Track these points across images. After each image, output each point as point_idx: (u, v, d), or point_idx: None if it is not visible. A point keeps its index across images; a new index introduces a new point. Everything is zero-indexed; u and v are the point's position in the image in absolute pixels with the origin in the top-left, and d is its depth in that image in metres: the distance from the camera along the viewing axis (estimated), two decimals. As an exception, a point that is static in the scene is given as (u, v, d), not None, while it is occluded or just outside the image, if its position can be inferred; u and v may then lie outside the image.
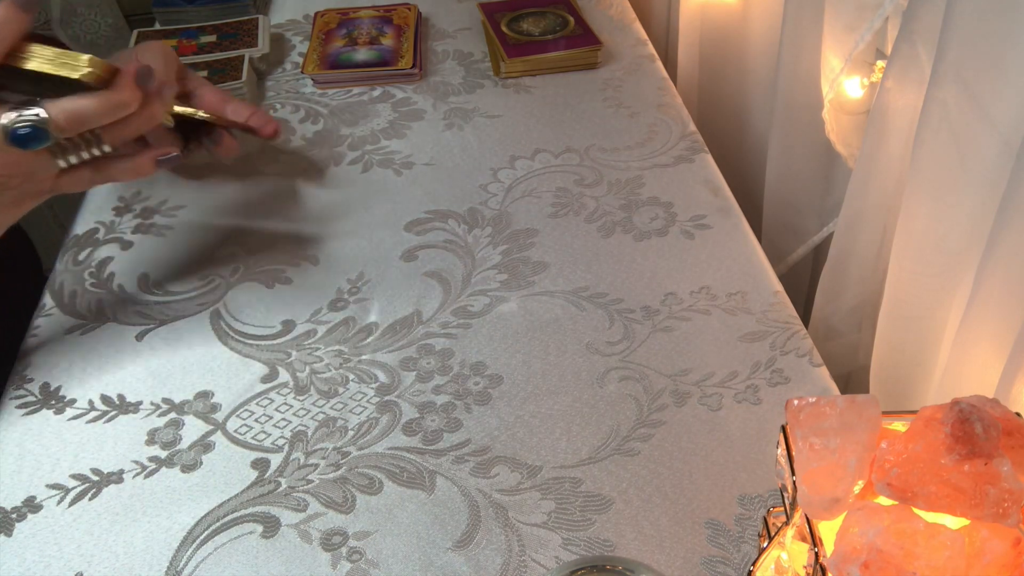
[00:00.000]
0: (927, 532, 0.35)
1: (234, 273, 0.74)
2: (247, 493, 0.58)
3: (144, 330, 0.69)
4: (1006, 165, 0.54)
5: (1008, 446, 0.37)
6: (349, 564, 0.54)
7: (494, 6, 1.03)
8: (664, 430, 0.61)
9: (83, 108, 0.55)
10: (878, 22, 0.73)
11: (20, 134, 0.54)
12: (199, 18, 1.02)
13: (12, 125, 0.54)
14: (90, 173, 0.61)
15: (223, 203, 0.80)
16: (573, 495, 0.57)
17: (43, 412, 0.63)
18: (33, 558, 0.55)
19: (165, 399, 0.64)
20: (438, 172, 0.83)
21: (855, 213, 0.75)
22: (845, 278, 0.80)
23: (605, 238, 0.75)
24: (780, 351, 0.66)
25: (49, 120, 0.54)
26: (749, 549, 0.54)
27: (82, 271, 0.74)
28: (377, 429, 0.62)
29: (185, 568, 0.54)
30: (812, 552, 0.38)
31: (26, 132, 0.54)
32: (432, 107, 0.92)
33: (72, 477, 0.59)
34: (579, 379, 0.64)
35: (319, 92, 0.94)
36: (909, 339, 0.69)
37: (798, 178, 0.91)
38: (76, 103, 0.55)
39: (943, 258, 0.63)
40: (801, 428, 0.39)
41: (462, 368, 0.65)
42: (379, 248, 0.76)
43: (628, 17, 1.05)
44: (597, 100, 0.92)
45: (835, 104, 0.81)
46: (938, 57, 0.56)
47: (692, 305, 0.69)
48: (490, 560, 0.54)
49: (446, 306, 0.70)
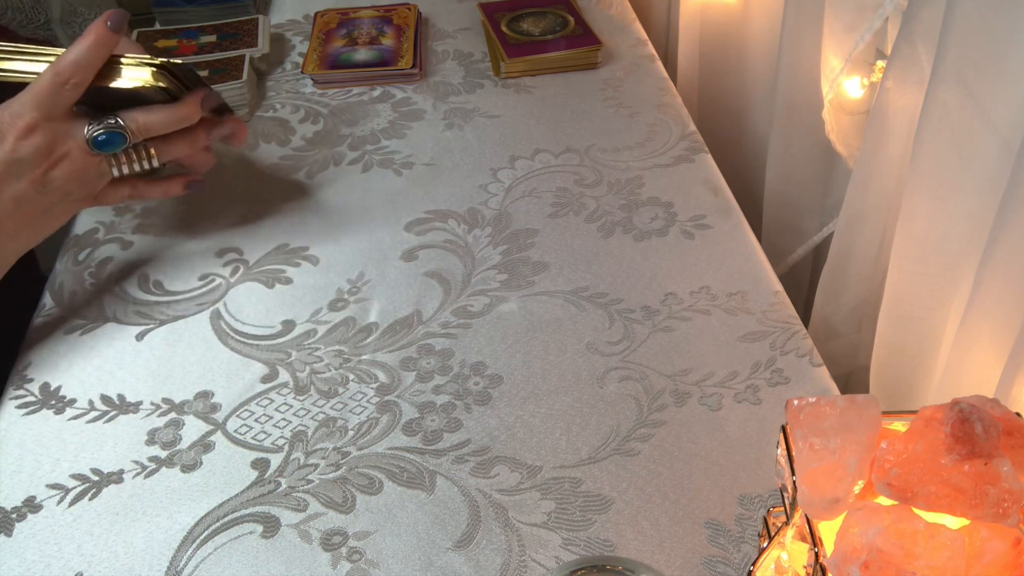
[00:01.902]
0: (927, 532, 0.35)
1: (234, 273, 0.74)
2: (247, 493, 0.58)
3: (144, 330, 0.69)
4: (1006, 165, 0.54)
5: (1008, 446, 0.37)
6: (349, 564, 0.54)
7: (494, 6, 1.03)
8: (664, 430, 0.61)
9: (152, 118, 0.65)
10: (878, 22, 0.73)
11: (100, 139, 0.63)
12: (199, 18, 1.02)
13: (94, 133, 0.63)
14: (128, 189, 0.69)
15: (223, 203, 0.80)
16: (573, 495, 0.57)
17: (43, 412, 0.63)
18: (33, 558, 0.55)
19: (165, 399, 0.64)
20: (438, 172, 0.83)
21: (855, 213, 0.75)
22: (845, 278, 0.80)
23: (605, 238, 0.75)
24: (780, 351, 0.66)
25: (125, 127, 0.64)
26: (749, 549, 0.54)
27: (82, 271, 0.74)
28: (377, 429, 0.62)
29: (185, 568, 0.54)
30: (812, 552, 0.38)
31: (104, 137, 0.63)
32: (432, 107, 0.92)
33: (72, 477, 0.59)
34: (579, 379, 0.64)
35: (319, 92, 0.94)
36: (909, 339, 0.69)
37: (798, 178, 0.91)
38: (147, 114, 0.65)
39: (943, 258, 0.63)
40: (801, 428, 0.39)
41: (462, 368, 0.65)
42: (379, 248, 0.76)
43: (628, 17, 1.05)
44: (597, 100, 0.92)
45: (835, 104, 0.81)
46: (938, 57, 0.56)
47: (692, 305, 0.69)
48: (490, 560, 0.54)
49: (446, 306, 0.70)
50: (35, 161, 0.61)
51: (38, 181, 0.62)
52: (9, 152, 0.61)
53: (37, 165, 0.62)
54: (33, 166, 0.61)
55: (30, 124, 0.61)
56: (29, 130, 0.61)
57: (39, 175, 0.62)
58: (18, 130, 0.61)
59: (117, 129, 0.63)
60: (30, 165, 0.61)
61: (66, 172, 0.63)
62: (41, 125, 0.61)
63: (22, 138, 0.61)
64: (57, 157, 0.62)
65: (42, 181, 0.62)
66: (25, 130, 0.61)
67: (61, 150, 0.62)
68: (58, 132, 0.62)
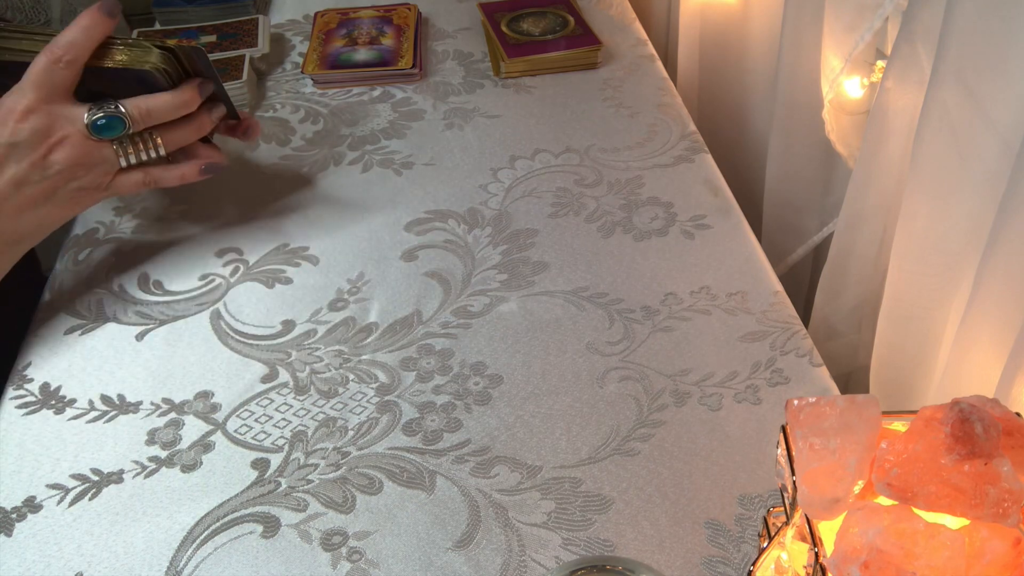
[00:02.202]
0: (927, 532, 0.35)
1: (234, 273, 0.74)
2: (247, 493, 0.58)
3: (144, 330, 0.69)
4: (1006, 165, 0.54)
5: (1008, 446, 0.37)
6: (349, 564, 0.54)
7: (494, 6, 1.03)
8: (664, 430, 0.61)
9: (152, 104, 0.65)
10: (878, 22, 0.73)
11: (99, 124, 0.63)
12: (199, 18, 1.02)
13: (94, 117, 0.63)
14: (141, 175, 0.68)
15: (223, 203, 0.80)
16: (573, 495, 0.57)
17: (43, 412, 0.63)
18: (33, 558, 0.55)
19: (165, 399, 0.64)
20: (438, 172, 0.83)
21: (855, 213, 0.75)
22: (845, 278, 0.80)
23: (605, 238, 0.75)
24: (780, 351, 0.66)
25: (125, 112, 0.64)
26: (749, 549, 0.54)
27: (82, 271, 0.74)
28: (377, 429, 0.62)
29: (185, 568, 0.54)
30: (812, 552, 0.38)
31: (104, 122, 0.63)
32: (432, 107, 0.92)
33: (72, 477, 0.59)
34: (579, 379, 0.64)
35: (319, 92, 0.94)
36: (909, 339, 0.69)
37: (798, 178, 0.91)
38: (147, 100, 0.65)
39: (943, 258, 0.63)
40: (801, 428, 0.39)
41: (462, 368, 0.65)
42: (379, 248, 0.76)
43: (628, 17, 1.05)
44: (597, 100, 0.92)
45: (835, 104, 0.81)
46: (938, 57, 0.56)
47: (692, 305, 0.69)
48: (490, 560, 0.54)
49: (446, 306, 0.70)
50: (34, 142, 0.61)
51: (38, 164, 0.62)
52: (9, 135, 0.61)
53: (36, 147, 0.62)
54: (32, 148, 0.62)
55: (29, 107, 0.61)
56: (27, 112, 0.61)
57: (38, 158, 0.62)
58: (17, 114, 0.61)
59: (117, 114, 0.63)
60: (29, 147, 0.61)
61: (67, 156, 0.63)
62: (39, 108, 0.61)
63: (20, 121, 0.61)
64: (56, 140, 0.62)
65: (42, 164, 0.62)
66: (23, 113, 0.61)
67: (60, 133, 0.62)
68: (57, 115, 0.62)
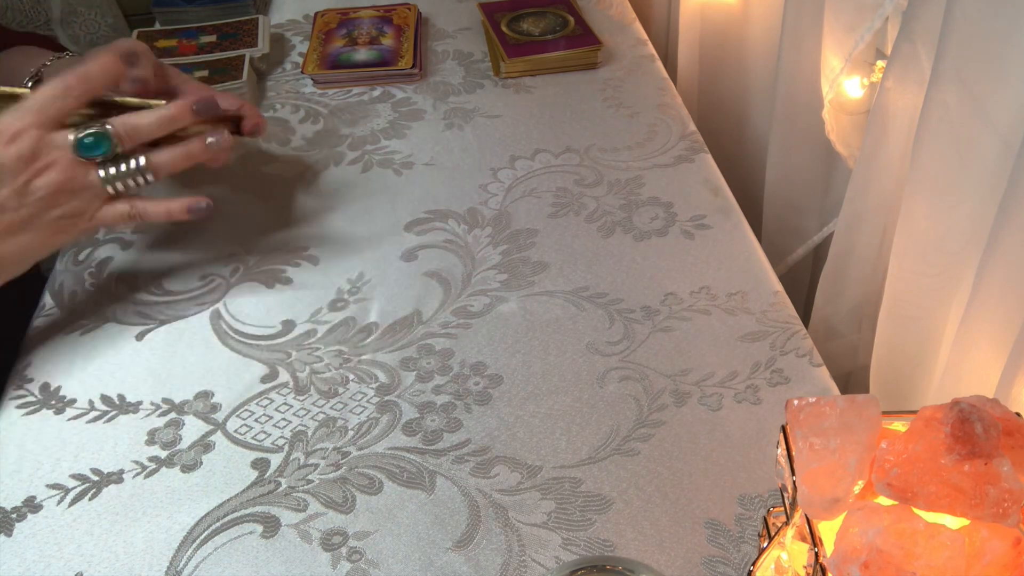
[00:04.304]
0: (927, 532, 0.35)
1: (234, 273, 0.74)
2: (247, 493, 0.58)
3: (144, 330, 0.69)
4: (1006, 165, 0.54)
5: (1008, 446, 0.37)
6: (349, 564, 0.54)
7: (494, 6, 1.03)
8: (664, 430, 0.61)
9: (139, 120, 0.63)
10: (878, 22, 0.73)
11: (86, 142, 0.61)
12: (199, 18, 1.02)
13: (80, 135, 0.61)
14: (127, 207, 0.65)
15: (223, 203, 0.80)
16: (573, 495, 0.57)
17: (43, 412, 0.63)
18: (33, 558, 0.55)
19: (165, 399, 0.64)
20: (438, 172, 0.83)
21: (855, 213, 0.75)
22: (845, 278, 0.80)
23: (605, 238, 0.75)
24: (780, 351, 0.66)
25: (111, 130, 0.62)
26: (749, 549, 0.54)
27: (82, 271, 0.74)
28: (377, 429, 0.62)
29: (185, 568, 0.54)
30: (812, 552, 0.38)
31: (91, 140, 0.61)
32: (432, 107, 0.92)
33: (72, 477, 0.59)
34: (579, 379, 0.64)
35: (319, 92, 0.94)
36: (909, 339, 0.69)
37: (798, 178, 0.91)
38: (133, 116, 0.63)
39: (943, 258, 0.63)
40: (801, 428, 0.39)
41: (462, 368, 0.65)
42: (379, 248, 0.76)
43: (628, 17, 1.05)
44: (597, 100, 0.92)
45: (835, 104, 0.81)
46: (938, 57, 0.56)
47: (692, 305, 0.69)
48: (490, 560, 0.54)
49: (446, 306, 0.70)
50: (16, 168, 0.59)
51: (19, 191, 0.60)
52: None
53: (19, 173, 0.59)
54: (15, 173, 0.59)
55: (19, 130, 0.59)
56: (15, 136, 0.59)
57: (20, 184, 0.59)
58: (6, 136, 0.59)
59: (103, 131, 0.61)
60: (11, 172, 0.59)
61: (51, 182, 0.60)
62: (28, 131, 0.59)
63: (7, 144, 0.59)
64: (42, 166, 0.60)
65: (23, 191, 0.60)
66: (12, 135, 0.59)
67: (46, 159, 0.60)
68: (45, 141, 0.60)
